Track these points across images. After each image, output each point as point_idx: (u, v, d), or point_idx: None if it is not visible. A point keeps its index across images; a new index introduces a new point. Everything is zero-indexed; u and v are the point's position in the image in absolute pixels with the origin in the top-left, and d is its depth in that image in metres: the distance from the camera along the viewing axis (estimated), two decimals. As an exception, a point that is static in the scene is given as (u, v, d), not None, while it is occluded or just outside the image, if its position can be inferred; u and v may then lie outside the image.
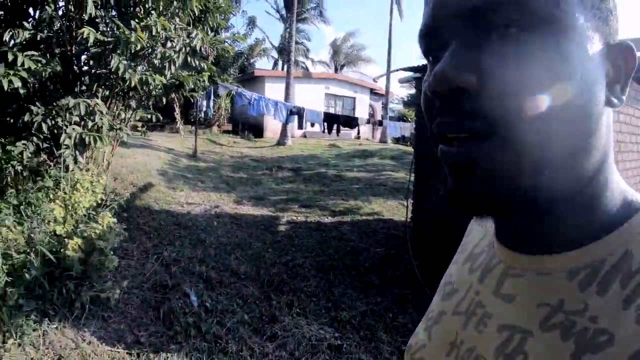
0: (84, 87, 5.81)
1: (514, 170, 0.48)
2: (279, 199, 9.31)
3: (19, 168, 5.12)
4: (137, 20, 5.37)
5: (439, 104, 0.51)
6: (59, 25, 5.38)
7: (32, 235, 4.09)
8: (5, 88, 4.47)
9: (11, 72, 4.54)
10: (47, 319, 3.51)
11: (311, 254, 6.09)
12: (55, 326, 3.50)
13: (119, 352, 3.46)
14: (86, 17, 5.16)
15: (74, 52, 5.56)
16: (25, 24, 5.19)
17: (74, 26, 5.45)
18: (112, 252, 4.05)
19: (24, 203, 4.89)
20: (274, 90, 21.02)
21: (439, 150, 0.53)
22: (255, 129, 22.07)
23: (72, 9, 5.29)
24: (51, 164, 5.52)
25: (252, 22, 30.24)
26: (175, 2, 5.84)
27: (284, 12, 29.81)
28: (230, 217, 7.54)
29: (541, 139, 0.47)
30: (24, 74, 4.62)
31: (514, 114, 0.46)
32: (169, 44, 5.88)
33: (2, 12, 5.74)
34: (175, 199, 8.09)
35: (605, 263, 0.50)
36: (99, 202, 4.91)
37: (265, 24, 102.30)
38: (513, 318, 0.55)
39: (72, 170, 5.22)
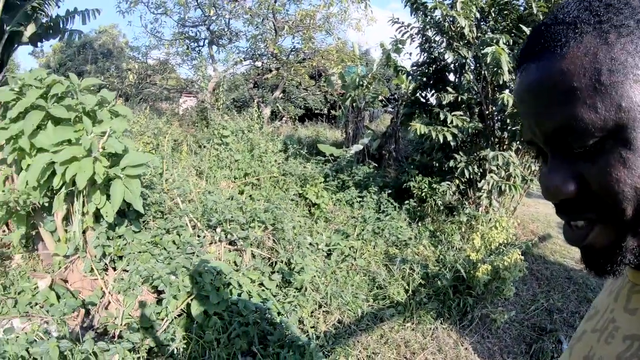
0: (496, 140, 6.92)
1: (615, 246, 0.58)
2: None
3: (439, 202, 6.64)
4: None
5: (556, 206, 0.64)
6: (476, 89, 6.66)
7: (443, 255, 5.41)
8: (441, 141, 6.06)
9: (445, 128, 6.08)
10: (441, 318, 4.72)
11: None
12: (444, 326, 4.65)
13: (487, 365, 4.32)
14: (501, 82, 6.20)
15: (489, 111, 6.73)
16: (449, 88, 6.67)
17: (489, 89, 6.63)
18: (511, 283, 4.85)
19: (437, 230, 6.34)
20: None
21: (563, 228, 0.66)
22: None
23: (488, 76, 6.48)
24: (466, 203, 6.86)
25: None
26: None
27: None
28: (621, 282, 7.30)
29: (629, 220, 0.56)
30: (454, 130, 6.11)
31: (610, 206, 0.56)
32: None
33: (425, 79, 7.48)
34: (570, 253, 8.20)
35: None
36: (508, 240, 5.81)
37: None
38: (636, 328, 0.63)
39: (486, 211, 6.38)
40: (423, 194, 6.95)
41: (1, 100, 4.29)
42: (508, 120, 6.85)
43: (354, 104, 11.13)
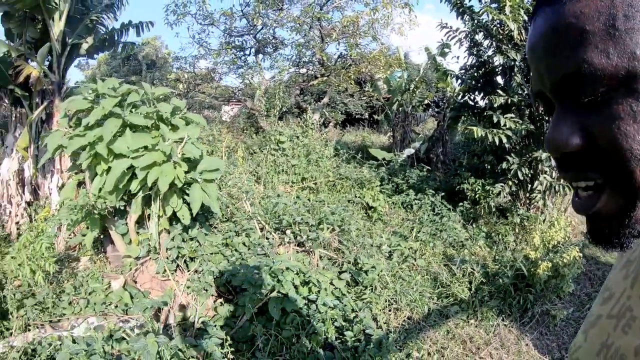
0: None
1: (624, 214, 0.53)
2: None
3: (492, 204, 6.68)
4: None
5: (557, 162, 0.59)
6: (526, 91, 6.69)
7: (500, 255, 5.48)
8: (497, 143, 6.10)
9: (500, 131, 6.12)
10: (502, 315, 4.81)
11: None
12: (505, 323, 4.74)
13: (544, 360, 4.41)
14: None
15: (540, 112, 6.75)
16: (499, 90, 6.71)
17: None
18: (570, 280, 4.93)
19: (492, 232, 6.39)
20: None
21: (571, 200, 0.62)
22: None
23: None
24: (519, 204, 6.88)
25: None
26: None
27: None
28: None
29: (639, 185, 0.51)
30: (509, 132, 6.14)
31: (617, 165, 0.52)
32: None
33: (473, 82, 7.51)
34: (620, 255, 8.20)
35: None
36: (565, 239, 5.85)
37: None
38: None
39: (541, 212, 6.39)
40: (477, 195, 7.00)
41: (74, 109, 4.50)
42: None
43: (400, 109, 11.23)
